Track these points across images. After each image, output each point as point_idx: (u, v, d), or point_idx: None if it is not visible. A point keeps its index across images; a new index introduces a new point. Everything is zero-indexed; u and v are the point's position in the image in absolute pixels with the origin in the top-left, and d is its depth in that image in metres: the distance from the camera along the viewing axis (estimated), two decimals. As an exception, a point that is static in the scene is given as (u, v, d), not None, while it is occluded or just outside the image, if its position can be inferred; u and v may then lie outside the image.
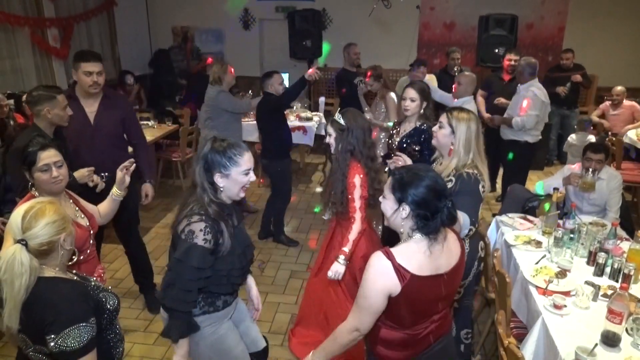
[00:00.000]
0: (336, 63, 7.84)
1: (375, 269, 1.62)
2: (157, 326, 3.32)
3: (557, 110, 6.55)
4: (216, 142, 1.90)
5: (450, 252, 1.71)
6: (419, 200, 1.60)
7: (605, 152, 3.43)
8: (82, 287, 1.62)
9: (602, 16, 7.22)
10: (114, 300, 1.70)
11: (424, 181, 1.61)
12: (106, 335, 1.69)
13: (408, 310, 1.67)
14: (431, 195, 1.60)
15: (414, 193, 1.61)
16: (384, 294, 1.61)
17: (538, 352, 2.27)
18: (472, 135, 2.41)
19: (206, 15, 8.30)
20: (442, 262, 1.67)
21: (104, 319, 1.64)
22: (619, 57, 7.24)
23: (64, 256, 1.61)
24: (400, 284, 1.59)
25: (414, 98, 3.19)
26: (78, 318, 1.49)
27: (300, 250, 4.50)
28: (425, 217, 1.61)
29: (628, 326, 2.13)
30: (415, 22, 7.80)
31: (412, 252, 1.63)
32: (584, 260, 2.81)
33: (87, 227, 2.26)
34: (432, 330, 1.74)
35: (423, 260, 1.62)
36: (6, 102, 4.73)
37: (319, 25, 7.02)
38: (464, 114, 2.45)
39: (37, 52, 6.31)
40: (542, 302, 2.38)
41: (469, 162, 2.41)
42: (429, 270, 1.63)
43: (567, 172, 3.62)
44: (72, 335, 1.47)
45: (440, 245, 1.65)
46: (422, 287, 1.62)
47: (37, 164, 2.06)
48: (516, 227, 3.25)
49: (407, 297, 1.62)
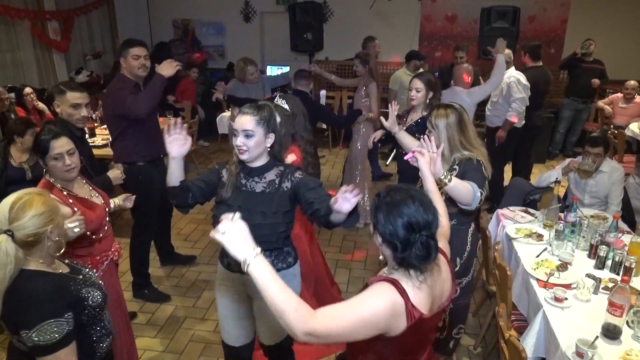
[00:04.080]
0: (338, 56, 7.83)
1: (384, 300, 1.35)
2: (159, 319, 3.35)
3: (572, 103, 6.50)
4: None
5: (443, 284, 1.51)
6: (387, 231, 1.38)
7: (604, 146, 3.40)
8: (60, 282, 1.61)
9: (606, 8, 7.16)
10: (98, 296, 1.68)
11: (397, 209, 1.37)
12: (89, 330, 1.68)
13: (396, 350, 1.46)
14: (400, 227, 1.36)
15: (382, 221, 1.39)
16: (379, 330, 1.37)
17: (539, 344, 2.28)
18: (454, 129, 2.38)
19: (207, 8, 8.27)
20: (436, 294, 1.48)
21: (85, 314, 1.63)
22: (623, 49, 7.18)
23: (50, 247, 1.61)
24: (407, 325, 1.37)
25: (420, 88, 3.22)
26: (50, 314, 1.49)
27: (301, 244, 4.51)
28: (395, 249, 1.38)
29: (629, 319, 2.13)
30: (416, 15, 7.76)
31: (417, 289, 1.40)
32: (585, 253, 2.81)
33: (102, 204, 2.32)
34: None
35: (427, 297, 1.42)
36: (7, 96, 4.74)
37: (320, 17, 6.98)
38: (441, 111, 2.42)
39: (38, 45, 6.31)
40: (543, 294, 2.38)
41: (465, 153, 2.39)
42: (432, 308, 1.44)
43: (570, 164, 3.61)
44: (46, 331, 1.47)
45: (432, 280, 1.45)
46: (424, 325, 1.42)
47: (50, 153, 2.11)
48: (517, 220, 3.25)
49: (409, 336, 1.40)
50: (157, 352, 3.09)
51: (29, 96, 5.06)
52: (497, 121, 4.81)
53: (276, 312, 1.28)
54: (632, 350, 1.99)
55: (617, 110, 6.20)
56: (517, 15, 6.07)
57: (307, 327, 1.27)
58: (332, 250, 4.38)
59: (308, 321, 1.27)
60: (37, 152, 2.16)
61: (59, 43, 6.51)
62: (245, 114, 1.96)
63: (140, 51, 3.18)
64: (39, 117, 5.01)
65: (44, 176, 2.21)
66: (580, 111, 6.62)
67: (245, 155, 1.98)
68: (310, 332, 1.27)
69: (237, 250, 1.30)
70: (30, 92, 5.11)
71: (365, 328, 1.34)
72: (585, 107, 6.59)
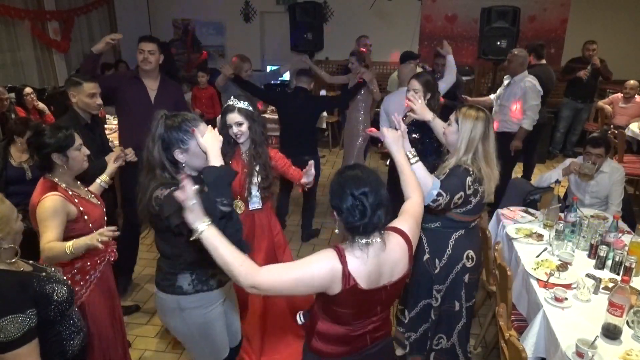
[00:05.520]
0: (337, 56, 7.83)
1: (323, 265, 1.54)
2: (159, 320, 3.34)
3: (572, 103, 6.48)
4: (168, 119, 1.86)
5: (395, 263, 1.64)
6: (332, 203, 1.57)
7: (605, 146, 3.39)
8: (21, 278, 1.61)
9: (606, 8, 7.17)
10: (64, 291, 1.69)
11: (344, 173, 1.59)
12: (58, 327, 1.68)
13: (345, 309, 1.63)
14: (337, 185, 1.56)
15: (331, 193, 1.58)
16: (316, 289, 1.58)
17: (539, 344, 2.27)
18: (477, 135, 2.30)
19: (207, 8, 8.28)
20: (384, 272, 1.61)
21: (51, 310, 1.63)
22: (623, 49, 7.18)
23: (5, 252, 1.61)
24: (341, 288, 1.55)
25: (417, 89, 3.19)
26: (12, 309, 1.50)
27: (301, 244, 4.51)
28: (339, 213, 1.56)
29: (629, 319, 2.13)
30: (416, 15, 7.76)
31: (359, 259, 1.56)
32: (585, 253, 2.81)
33: (99, 205, 2.34)
34: (369, 331, 1.71)
35: (368, 270, 1.56)
36: (7, 96, 4.74)
37: (320, 17, 6.97)
38: (472, 112, 2.33)
39: (38, 45, 6.31)
40: (543, 294, 2.38)
41: (468, 161, 2.31)
42: (372, 282, 1.58)
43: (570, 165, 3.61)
44: (7, 326, 1.48)
45: (377, 258, 1.58)
46: (361, 295, 1.58)
47: (75, 143, 2.20)
48: (517, 220, 3.25)
49: (345, 299, 1.58)
50: (157, 352, 3.08)
51: (29, 96, 5.05)
52: (505, 126, 4.64)
53: (224, 267, 1.49)
54: (632, 350, 1.99)
55: (617, 110, 6.19)
56: (517, 15, 6.06)
57: (252, 280, 1.48)
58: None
59: (252, 275, 1.48)
60: (58, 148, 2.14)
61: (59, 43, 6.51)
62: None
63: (145, 46, 3.32)
64: (39, 117, 5.01)
65: (45, 177, 2.20)
66: (580, 111, 6.61)
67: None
68: (254, 285, 1.49)
69: (192, 220, 1.48)
70: (31, 92, 5.10)
71: (303, 286, 1.54)
72: (584, 106, 6.58)
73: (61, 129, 2.19)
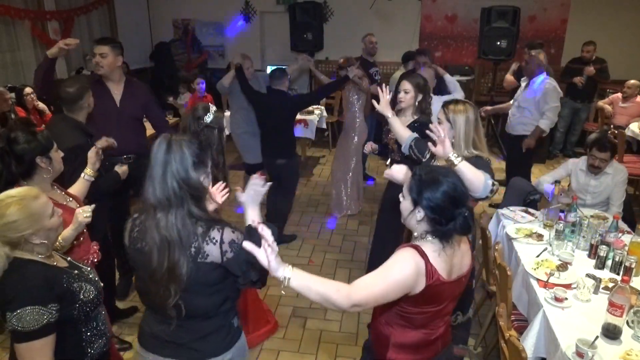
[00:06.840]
0: (337, 56, 7.82)
1: (408, 264, 1.56)
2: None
3: (570, 103, 6.47)
4: (178, 140, 1.55)
5: (462, 256, 1.70)
6: (433, 206, 1.57)
7: (611, 151, 3.34)
8: (52, 273, 1.61)
9: (606, 7, 7.16)
10: (92, 292, 1.68)
11: (442, 186, 1.57)
12: (80, 327, 1.67)
13: (427, 307, 1.66)
14: (447, 202, 1.56)
15: (430, 197, 1.57)
16: (403, 291, 1.58)
17: (539, 344, 2.28)
18: (471, 126, 2.37)
19: (207, 8, 8.27)
20: (455, 263, 1.67)
21: (76, 309, 1.62)
22: (623, 49, 7.16)
23: (39, 247, 1.61)
24: (426, 283, 1.58)
25: (408, 90, 3.12)
26: (35, 301, 1.50)
27: (301, 244, 4.51)
28: (439, 223, 1.58)
29: (629, 319, 2.13)
30: (416, 14, 7.76)
31: (435, 252, 1.61)
32: (585, 253, 2.81)
33: (78, 207, 2.28)
34: (441, 335, 1.75)
35: (445, 263, 1.62)
36: (9, 96, 4.74)
37: (320, 17, 6.98)
38: (460, 106, 2.40)
39: (38, 45, 6.30)
40: (543, 294, 2.39)
41: (470, 156, 2.34)
42: (449, 274, 1.63)
43: (572, 166, 3.61)
44: (27, 317, 1.48)
45: (452, 250, 1.63)
46: (442, 288, 1.62)
47: (55, 144, 2.14)
48: (517, 220, 3.25)
49: (429, 295, 1.61)
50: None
51: (29, 96, 5.05)
52: (522, 129, 4.60)
53: (323, 301, 1.50)
54: (632, 350, 1.99)
55: (617, 110, 6.19)
56: (517, 15, 6.08)
57: (351, 301, 1.50)
58: (333, 250, 4.39)
59: (350, 296, 1.50)
60: (42, 150, 2.05)
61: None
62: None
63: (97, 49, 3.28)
64: (39, 117, 5.01)
65: (20, 185, 2.01)
66: (578, 111, 6.62)
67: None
68: (354, 304, 1.51)
69: (276, 268, 1.45)
70: (31, 92, 5.10)
71: (395, 290, 1.56)
72: (583, 106, 6.59)
73: (35, 133, 2.06)
